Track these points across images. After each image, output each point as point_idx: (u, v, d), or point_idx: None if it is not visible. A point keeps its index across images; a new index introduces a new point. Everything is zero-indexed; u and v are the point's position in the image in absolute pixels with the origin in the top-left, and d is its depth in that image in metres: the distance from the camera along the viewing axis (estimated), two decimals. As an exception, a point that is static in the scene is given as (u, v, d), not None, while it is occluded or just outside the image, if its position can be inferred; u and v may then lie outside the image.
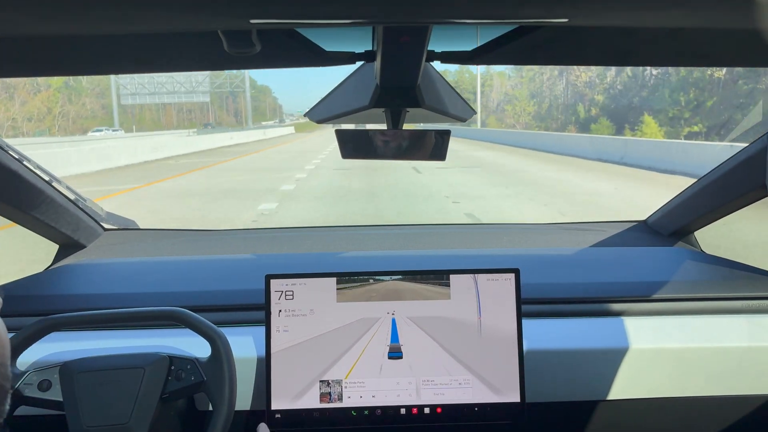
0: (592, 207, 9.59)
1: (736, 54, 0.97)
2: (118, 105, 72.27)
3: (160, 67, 1.07)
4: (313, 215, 9.04)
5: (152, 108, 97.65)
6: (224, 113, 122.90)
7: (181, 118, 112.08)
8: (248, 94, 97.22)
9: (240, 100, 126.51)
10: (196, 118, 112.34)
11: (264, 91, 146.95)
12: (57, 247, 1.71)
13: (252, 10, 0.59)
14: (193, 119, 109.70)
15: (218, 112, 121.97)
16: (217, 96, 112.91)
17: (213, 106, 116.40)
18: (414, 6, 0.59)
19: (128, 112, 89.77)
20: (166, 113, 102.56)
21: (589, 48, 0.97)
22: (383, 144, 1.10)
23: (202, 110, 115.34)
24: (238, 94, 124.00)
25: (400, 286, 1.24)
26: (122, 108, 79.64)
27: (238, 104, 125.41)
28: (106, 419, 1.07)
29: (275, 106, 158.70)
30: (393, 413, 1.21)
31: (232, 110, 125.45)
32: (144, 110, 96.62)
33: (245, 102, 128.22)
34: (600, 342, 1.29)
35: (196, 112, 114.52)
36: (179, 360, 1.13)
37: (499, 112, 68.89)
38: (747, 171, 1.40)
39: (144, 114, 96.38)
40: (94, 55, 0.94)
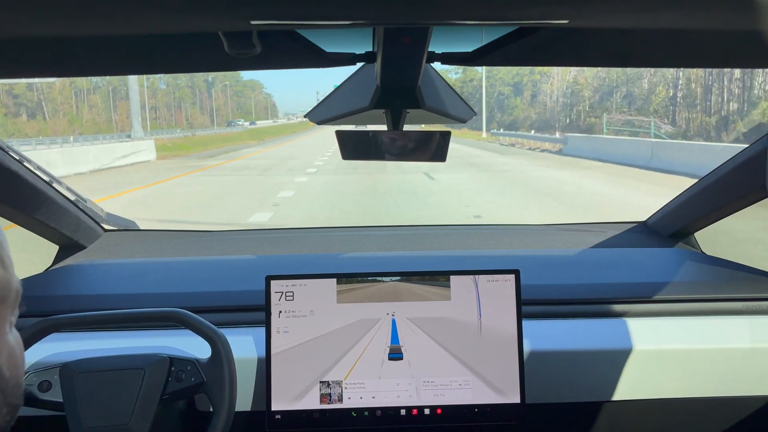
0: None
1: (736, 55, 0.97)
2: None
3: (161, 68, 1.07)
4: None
5: (99, 105, 75.86)
6: (197, 111, 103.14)
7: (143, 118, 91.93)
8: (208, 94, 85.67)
9: (218, 96, 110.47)
10: (163, 117, 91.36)
11: (252, 86, 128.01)
12: (57, 248, 1.71)
13: (252, 12, 0.59)
14: (158, 118, 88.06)
15: (190, 110, 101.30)
16: (189, 91, 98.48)
17: (185, 102, 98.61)
18: (414, 7, 0.59)
19: (59, 111, 66.53)
20: (119, 112, 75.91)
21: (589, 49, 0.97)
22: (383, 145, 1.10)
23: (169, 107, 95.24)
24: (216, 89, 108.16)
25: (400, 287, 1.24)
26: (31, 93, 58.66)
27: (216, 101, 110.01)
28: (106, 420, 1.07)
29: (267, 104, 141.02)
30: (393, 414, 1.21)
31: (207, 108, 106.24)
32: (81, 108, 72.43)
33: (227, 98, 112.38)
34: (600, 343, 1.29)
35: (161, 110, 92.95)
36: (179, 361, 1.13)
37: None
38: (747, 172, 1.40)
39: (81, 114, 71.71)
40: (95, 56, 0.94)
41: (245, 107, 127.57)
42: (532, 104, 63.33)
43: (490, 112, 68.90)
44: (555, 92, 57.76)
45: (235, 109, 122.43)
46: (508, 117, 64.99)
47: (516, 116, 63.10)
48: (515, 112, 64.51)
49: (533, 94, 63.66)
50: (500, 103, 70.40)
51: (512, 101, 66.56)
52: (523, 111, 62.73)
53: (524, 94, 65.60)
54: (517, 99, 66.38)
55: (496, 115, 68.77)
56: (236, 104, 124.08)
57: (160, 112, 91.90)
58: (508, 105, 66.72)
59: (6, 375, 0.52)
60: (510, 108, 65.85)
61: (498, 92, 70.40)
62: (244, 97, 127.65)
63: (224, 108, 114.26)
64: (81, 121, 69.43)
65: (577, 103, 53.47)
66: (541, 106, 60.11)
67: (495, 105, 70.08)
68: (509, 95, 68.45)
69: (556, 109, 57.25)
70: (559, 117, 54.42)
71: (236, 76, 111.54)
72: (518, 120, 61.21)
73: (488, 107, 70.43)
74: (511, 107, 66.30)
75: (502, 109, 68.82)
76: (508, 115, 65.73)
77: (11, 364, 0.53)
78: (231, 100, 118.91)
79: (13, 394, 0.52)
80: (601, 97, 51.39)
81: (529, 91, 64.87)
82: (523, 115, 61.51)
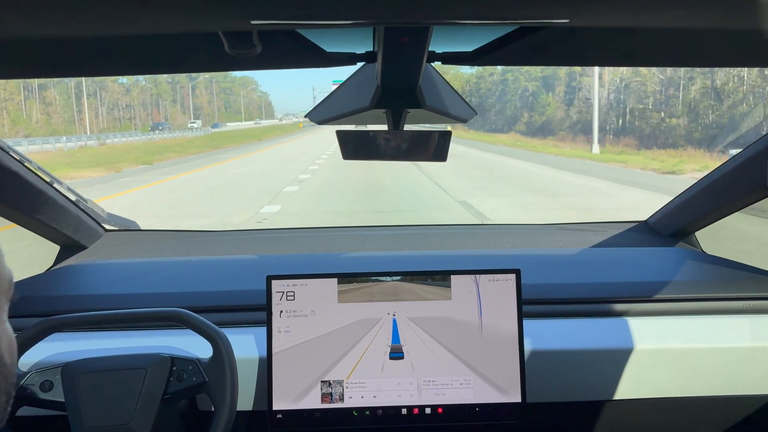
0: None
1: (737, 54, 0.97)
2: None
3: (161, 68, 1.08)
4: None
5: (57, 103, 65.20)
6: (177, 110, 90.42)
7: (115, 117, 76.67)
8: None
9: (202, 94, 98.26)
10: (138, 116, 79.52)
11: (244, 83, 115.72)
12: (58, 248, 1.71)
13: (253, 11, 0.59)
14: (132, 118, 77.72)
15: (169, 108, 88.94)
16: (169, 87, 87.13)
17: (164, 100, 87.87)
18: (415, 7, 0.59)
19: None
20: (82, 111, 67.05)
21: (590, 49, 0.97)
22: (384, 145, 1.10)
23: (146, 106, 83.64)
24: (198, 85, 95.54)
25: (401, 287, 1.24)
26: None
27: (199, 98, 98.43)
28: (108, 420, 1.07)
29: (261, 103, 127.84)
30: (394, 413, 1.21)
31: (189, 106, 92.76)
32: (30, 106, 61.05)
33: (212, 96, 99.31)
34: (601, 342, 1.29)
35: (137, 108, 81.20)
36: (181, 361, 1.13)
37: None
38: (748, 172, 1.40)
39: (31, 113, 60.26)
40: (95, 56, 0.94)
41: (234, 106, 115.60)
42: (567, 101, 51.47)
43: (514, 111, 59.95)
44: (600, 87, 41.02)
45: (222, 108, 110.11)
46: (539, 117, 53.48)
47: (549, 116, 52.32)
48: (548, 111, 53.13)
49: (570, 89, 51.74)
50: (525, 100, 58.91)
51: (543, 98, 55.01)
52: (557, 110, 51.69)
53: (556, 90, 54.65)
54: (548, 96, 54.94)
55: (523, 115, 57.05)
56: (224, 102, 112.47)
57: (136, 111, 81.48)
58: (538, 103, 54.93)
59: (7, 362, 0.53)
60: (540, 107, 54.54)
61: (523, 88, 59.92)
62: (233, 95, 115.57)
63: (208, 107, 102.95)
64: (28, 121, 58.73)
65: (635, 101, 41.70)
66: (581, 104, 47.84)
67: (519, 102, 59.62)
68: (537, 91, 56.95)
69: (604, 107, 42.81)
70: (610, 117, 43.15)
71: (225, 73, 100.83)
72: (553, 121, 50.55)
73: (511, 105, 61.57)
74: (541, 106, 54.58)
75: (530, 108, 56.92)
76: (539, 114, 54.03)
77: (10, 351, 0.54)
78: (217, 98, 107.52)
79: (11, 382, 0.53)
80: (665, 93, 40.02)
81: (562, 86, 53.80)
82: (559, 115, 50.60)
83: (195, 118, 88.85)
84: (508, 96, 63.25)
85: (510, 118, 60.42)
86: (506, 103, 63.23)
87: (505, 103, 63.47)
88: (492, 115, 63.67)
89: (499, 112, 64.16)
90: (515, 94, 61.62)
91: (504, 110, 63.59)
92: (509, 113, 61.51)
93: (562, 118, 49.96)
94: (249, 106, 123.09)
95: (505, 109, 63.09)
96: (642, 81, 41.50)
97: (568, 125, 47.32)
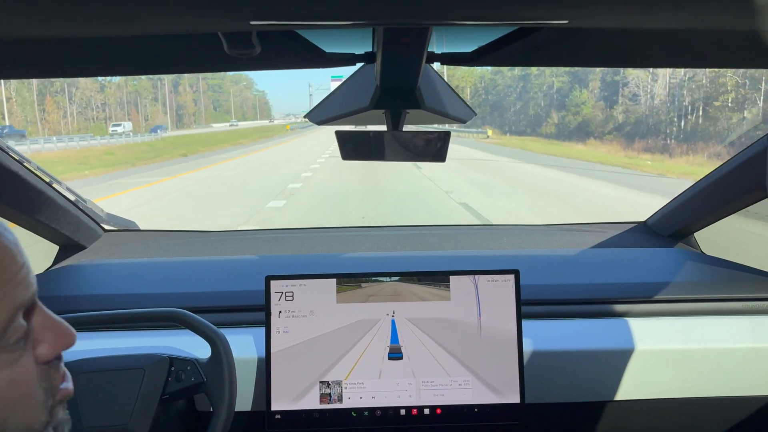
0: None
1: (737, 55, 0.97)
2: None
3: (161, 68, 1.08)
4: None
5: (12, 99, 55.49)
6: (158, 110, 79.50)
7: (87, 118, 66.46)
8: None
9: (186, 91, 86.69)
10: (115, 116, 68.22)
11: (236, 80, 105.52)
12: (57, 248, 1.71)
13: (252, 12, 0.59)
14: (108, 118, 66.20)
15: (150, 107, 78.43)
16: (150, 84, 76.55)
17: (144, 98, 77.40)
18: (414, 7, 0.59)
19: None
20: (46, 107, 58.86)
21: (589, 49, 0.97)
22: (383, 145, 1.10)
23: (122, 105, 71.64)
24: (182, 82, 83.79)
25: (399, 288, 1.24)
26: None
27: (182, 96, 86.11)
28: (106, 420, 1.07)
29: (255, 102, 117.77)
30: (393, 414, 1.21)
31: (173, 106, 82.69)
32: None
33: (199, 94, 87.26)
34: (600, 343, 1.29)
35: (113, 107, 69.86)
36: (179, 361, 1.13)
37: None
38: (747, 172, 1.40)
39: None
40: (94, 56, 0.94)
41: (225, 105, 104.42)
42: (607, 99, 42.82)
43: (537, 110, 51.32)
44: (655, 84, 36.48)
45: (210, 107, 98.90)
46: (573, 117, 44.80)
47: (587, 117, 43.45)
48: (583, 111, 44.21)
49: (607, 85, 43.25)
50: (551, 97, 51.07)
51: (576, 96, 46.22)
52: (594, 109, 43.27)
53: (590, 86, 46.20)
54: (582, 92, 46.36)
55: (551, 116, 48.60)
56: (212, 101, 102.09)
57: (112, 110, 71.63)
58: (570, 101, 46.43)
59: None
60: (574, 105, 45.53)
61: (548, 85, 52.31)
62: (224, 93, 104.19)
63: (194, 106, 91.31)
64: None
65: (704, 100, 33.17)
66: (627, 102, 39.87)
67: (544, 101, 52.19)
68: (565, 88, 49.04)
69: (659, 107, 35.98)
70: (668, 118, 34.98)
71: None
72: (592, 122, 41.96)
73: (534, 104, 52.95)
74: (574, 104, 45.77)
75: (560, 107, 48.05)
76: (572, 114, 45.48)
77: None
78: (204, 97, 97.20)
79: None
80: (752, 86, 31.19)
81: (596, 81, 45.02)
82: (598, 115, 42.11)
83: (179, 118, 78.28)
84: (530, 93, 55.44)
85: (534, 118, 52.36)
86: (528, 102, 55.64)
87: (527, 102, 55.67)
88: (511, 115, 56.47)
89: (519, 111, 56.26)
90: (538, 91, 53.95)
91: (525, 109, 55.75)
92: (532, 113, 53.74)
93: (603, 118, 41.60)
94: (243, 106, 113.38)
95: (526, 108, 55.59)
96: (716, 75, 32.88)
97: (613, 127, 39.17)
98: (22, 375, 0.52)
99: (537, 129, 47.70)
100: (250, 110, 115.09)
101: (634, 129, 36.10)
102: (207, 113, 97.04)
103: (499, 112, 58.35)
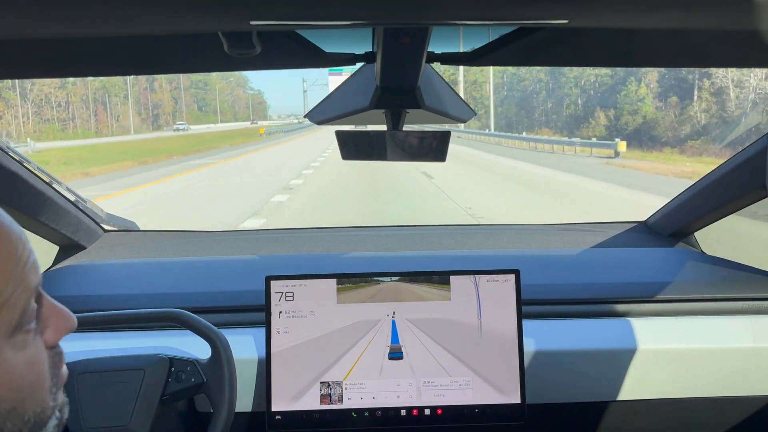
0: None
1: (737, 55, 0.97)
2: None
3: (161, 68, 1.08)
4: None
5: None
6: (129, 109, 67.47)
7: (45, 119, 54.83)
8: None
9: (161, 87, 72.52)
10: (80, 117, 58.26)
11: (224, 74, 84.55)
12: (57, 248, 1.71)
13: (252, 12, 0.59)
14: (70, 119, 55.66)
15: (121, 107, 66.02)
16: (120, 79, 61.08)
17: (114, 96, 64.50)
18: (414, 7, 0.59)
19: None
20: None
21: (589, 49, 0.97)
22: (383, 145, 1.10)
23: (87, 104, 59.73)
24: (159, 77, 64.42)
25: (400, 288, 1.24)
26: None
27: (157, 93, 72.26)
28: (106, 420, 1.07)
29: (249, 101, 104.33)
30: (393, 415, 1.21)
31: (149, 105, 70.21)
32: None
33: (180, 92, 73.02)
34: (601, 343, 1.29)
35: (77, 106, 57.67)
36: (179, 361, 1.13)
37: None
38: (747, 171, 1.40)
39: None
40: (95, 56, 0.94)
41: (213, 105, 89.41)
42: (681, 96, 32.59)
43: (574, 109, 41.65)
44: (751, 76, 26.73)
45: (194, 106, 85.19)
46: (631, 118, 34.86)
47: (649, 117, 33.88)
48: (642, 110, 34.49)
49: (686, 79, 32.46)
50: (592, 93, 41.07)
51: (631, 91, 36.19)
52: (665, 108, 33.20)
53: (645, 78, 36.08)
54: (640, 86, 36.06)
55: (595, 115, 38.69)
56: (196, 100, 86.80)
57: (75, 109, 58.60)
58: (622, 98, 36.82)
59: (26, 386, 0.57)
60: (628, 103, 36.06)
61: (585, 78, 42.01)
62: (210, 91, 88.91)
63: (173, 105, 76.87)
64: None
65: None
66: (710, 98, 29.89)
67: (582, 97, 42.67)
68: (612, 81, 39.27)
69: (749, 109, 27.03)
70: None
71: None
72: (660, 124, 32.20)
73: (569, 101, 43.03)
74: (629, 101, 36.15)
75: (608, 104, 38.58)
76: (628, 114, 35.49)
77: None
78: (187, 95, 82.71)
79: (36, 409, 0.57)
80: None
81: (653, 73, 34.72)
82: (670, 116, 31.95)
83: (155, 119, 61.74)
84: (564, 90, 45.65)
85: (570, 118, 42.94)
86: (562, 99, 45.94)
87: (560, 99, 46.04)
88: (540, 115, 48.65)
89: (551, 110, 47.65)
90: (574, 86, 43.72)
91: (558, 108, 46.22)
92: (568, 112, 44.53)
93: (675, 120, 31.27)
94: (234, 105, 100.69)
95: (559, 107, 46.19)
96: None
97: (693, 131, 29.37)
98: (37, 356, 0.55)
99: (575, 131, 37.95)
100: (243, 110, 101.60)
101: (724, 133, 27.38)
102: (190, 113, 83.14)
103: (526, 111, 50.19)
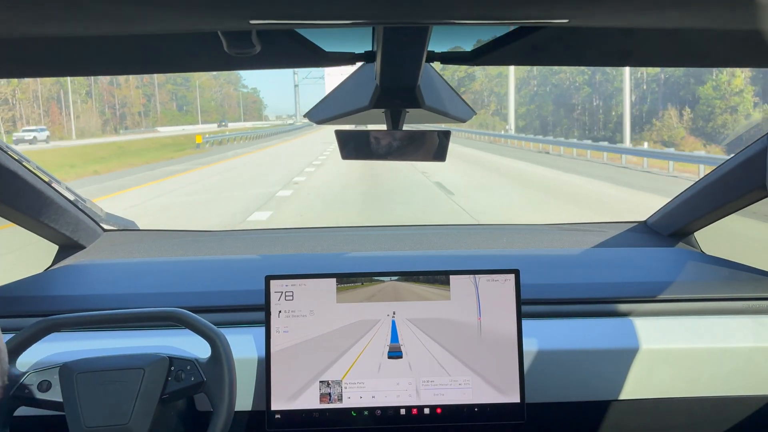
0: None
1: (736, 54, 0.97)
2: None
3: (160, 67, 1.08)
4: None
5: None
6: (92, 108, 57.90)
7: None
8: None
9: (127, 83, 61.71)
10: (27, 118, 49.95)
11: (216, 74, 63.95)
12: (57, 248, 1.71)
13: (252, 11, 0.59)
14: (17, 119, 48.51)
15: (80, 106, 56.20)
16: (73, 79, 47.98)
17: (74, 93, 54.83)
18: (414, 6, 0.59)
19: None
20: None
21: (589, 48, 0.97)
22: (383, 144, 1.10)
23: (38, 101, 52.01)
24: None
25: (400, 287, 1.24)
26: None
27: (123, 89, 62.20)
28: (106, 420, 1.07)
29: (240, 100, 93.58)
30: (393, 414, 1.21)
31: (115, 104, 61.01)
32: None
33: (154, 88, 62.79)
34: (600, 343, 1.29)
35: (24, 105, 50.85)
36: (179, 360, 1.13)
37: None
38: (747, 171, 1.40)
39: None
40: (95, 56, 0.94)
41: (194, 105, 77.69)
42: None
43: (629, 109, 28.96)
44: None
45: (172, 105, 74.72)
46: (732, 118, 27.58)
47: (726, 124, 27.50)
48: (740, 107, 27.82)
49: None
50: (655, 87, 34.00)
51: (723, 82, 28.61)
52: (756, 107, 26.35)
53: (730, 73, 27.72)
54: (735, 77, 28.16)
55: (667, 114, 31.30)
56: (174, 97, 76.09)
57: (24, 109, 50.79)
58: (712, 93, 29.10)
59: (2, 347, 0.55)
60: (719, 98, 28.58)
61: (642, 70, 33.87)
62: (192, 89, 76.94)
63: (145, 104, 67.43)
64: None
65: None
66: None
67: (636, 92, 34.95)
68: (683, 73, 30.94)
69: None
70: None
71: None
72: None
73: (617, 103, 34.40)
74: (719, 96, 28.64)
75: (676, 100, 31.70)
76: (727, 113, 28.09)
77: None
78: (162, 91, 71.45)
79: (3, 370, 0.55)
80: None
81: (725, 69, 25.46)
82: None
83: (121, 119, 53.22)
84: (614, 84, 36.67)
85: (619, 121, 31.26)
86: (611, 95, 37.40)
87: (609, 96, 37.77)
88: (582, 115, 39.79)
89: (595, 110, 39.26)
90: (616, 77, 35.21)
91: (606, 108, 37.80)
92: (613, 113, 36.13)
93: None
94: (223, 104, 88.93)
95: (607, 106, 37.84)
96: None
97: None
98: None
99: (633, 135, 29.33)
100: (234, 110, 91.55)
101: None
102: (165, 113, 72.66)
103: (566, 110, 41.32)
